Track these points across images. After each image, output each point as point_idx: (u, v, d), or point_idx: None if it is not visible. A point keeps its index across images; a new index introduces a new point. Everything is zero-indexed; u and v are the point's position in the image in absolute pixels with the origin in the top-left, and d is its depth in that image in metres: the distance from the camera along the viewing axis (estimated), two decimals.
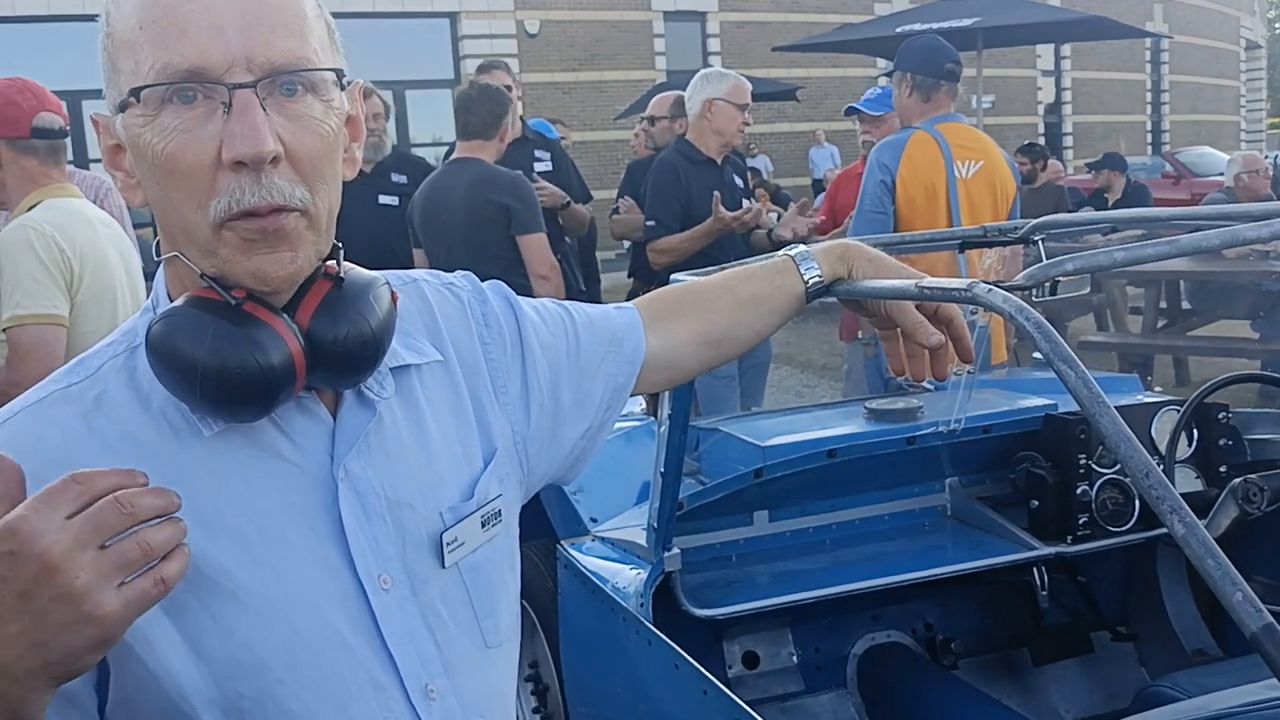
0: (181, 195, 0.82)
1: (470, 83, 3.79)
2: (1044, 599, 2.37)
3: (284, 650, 0.86)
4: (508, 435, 1.05)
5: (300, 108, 0.83)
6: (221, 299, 0.84)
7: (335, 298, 0.88)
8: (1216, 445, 2.27)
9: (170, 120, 0.81)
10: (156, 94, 0.80)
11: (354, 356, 0.88)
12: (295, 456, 0.89)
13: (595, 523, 2.37)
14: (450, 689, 0.94)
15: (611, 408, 1.15)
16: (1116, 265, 1.12)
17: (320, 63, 0.85)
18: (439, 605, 0.95)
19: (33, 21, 14.01)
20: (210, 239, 0.83)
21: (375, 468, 0.92)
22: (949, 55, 3.52)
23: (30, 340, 2.28)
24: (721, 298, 1.19)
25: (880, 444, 2.23)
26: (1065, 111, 22.48)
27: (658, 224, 4.04)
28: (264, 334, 0.83)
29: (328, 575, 0.89)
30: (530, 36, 16.81)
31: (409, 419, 0.97)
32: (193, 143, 0.80)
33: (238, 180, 0.80)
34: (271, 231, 0.82)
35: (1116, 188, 8.24)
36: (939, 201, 3.39)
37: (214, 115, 0.80)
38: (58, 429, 0.84)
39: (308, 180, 0.84)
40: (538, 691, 2.65)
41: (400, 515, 0.93)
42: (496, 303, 1.09)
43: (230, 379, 0.81)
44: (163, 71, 0.80)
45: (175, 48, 0.80)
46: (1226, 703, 1.23)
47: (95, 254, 2.43)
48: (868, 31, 12.24)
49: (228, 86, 0.80)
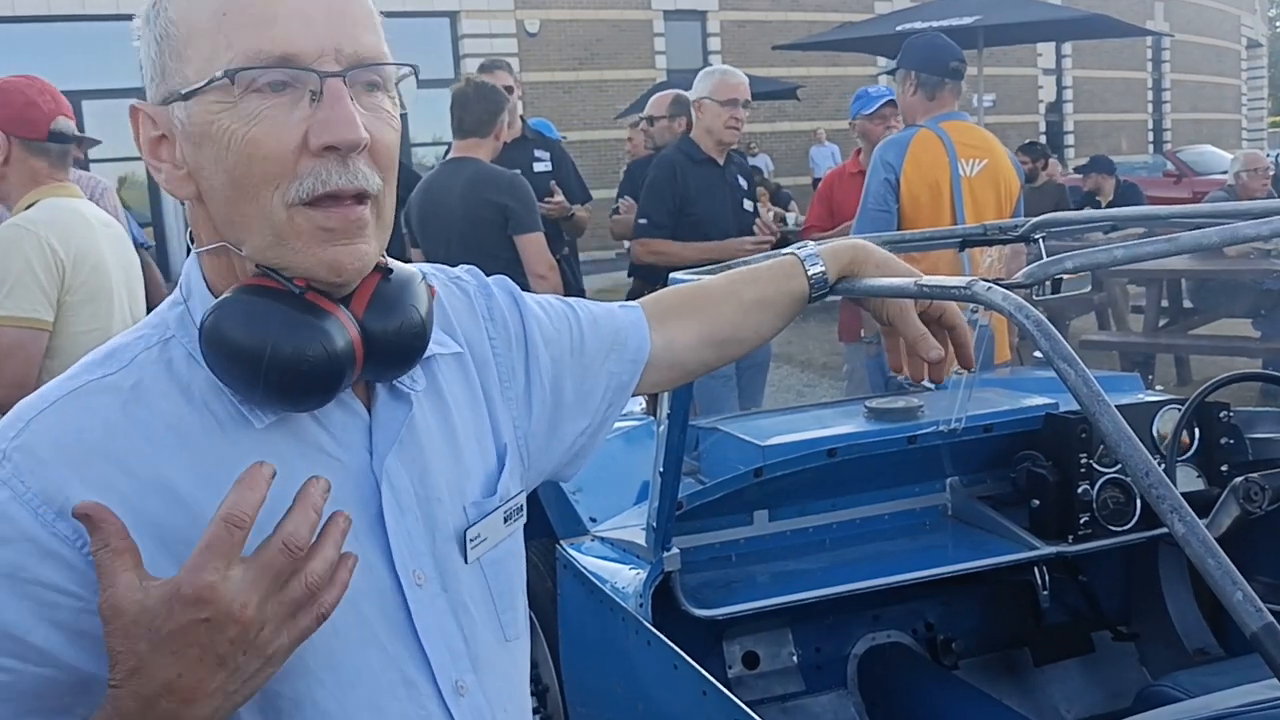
0: (258, 180, 0.81)
1: (466, 80, 3.78)
2: (1045, 599, 2.36)
3: (324, 650, 0.85)
4: (511, 430, 1.05)
5: (376, 102, 0.85)
6: (282, 288, 0.83)
7: (385, 290, 0.88)
8: (1218, 444, 2.27)
9: (255, 106, 0.81)
10: (246, 78, 0.80)
11: (405, 347, 0.89)
12: (336, 451, 0.89)
13: (594, 522, 2.36)
14: (478, 684, 0.95)
15: (613, 405, 1.15)
16: (1117, 263, 1.12)
17: (393, 60, 0.87)
18: (467, 600, 0.95)
19: (33, 21, 14.02)
20: (284, 226, 0.82)
21: (408, 462, 0.93)
22: (953, 53, 3.52)
23: (7, 342, 2.25)
24: (727, 301, 1.19)
25: (881, 443, 2.22)
26: (1066, 110, 22.48)
27: (649, 221, 4.03)
28: (329, 322, 0.83)
29: (366, 572, 0.87)
30: (530, 36, 16.81)
31: (436, 412, 0.97)
32: (278, 128, 0.81)
33: (323, 164, 0.81)
34: (353, 221, 0.83)
35: (1106, 189, 8.23)
36: (943, 200, 3.38)
37: (300, 103, 0.81)
38: (99, 420, 0.82)
39: (382, 170, 0.85)
40: (537, 692, 2.64)
41: (431, 510, 0.94)
42: (501, 298, 1.09)
43: (298, 366, 0.81)
44: (255, 57, 0.80)
45: (266, 34, 0.80)
46: (1228, 702, 1.22)
47: (92, 254, 2.41)
48: (868, 30, 12.24)
49: (319, 74, 0.81)
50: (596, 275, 8.23)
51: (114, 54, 14.40)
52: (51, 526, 0.78)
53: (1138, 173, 14.60)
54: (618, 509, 2.40)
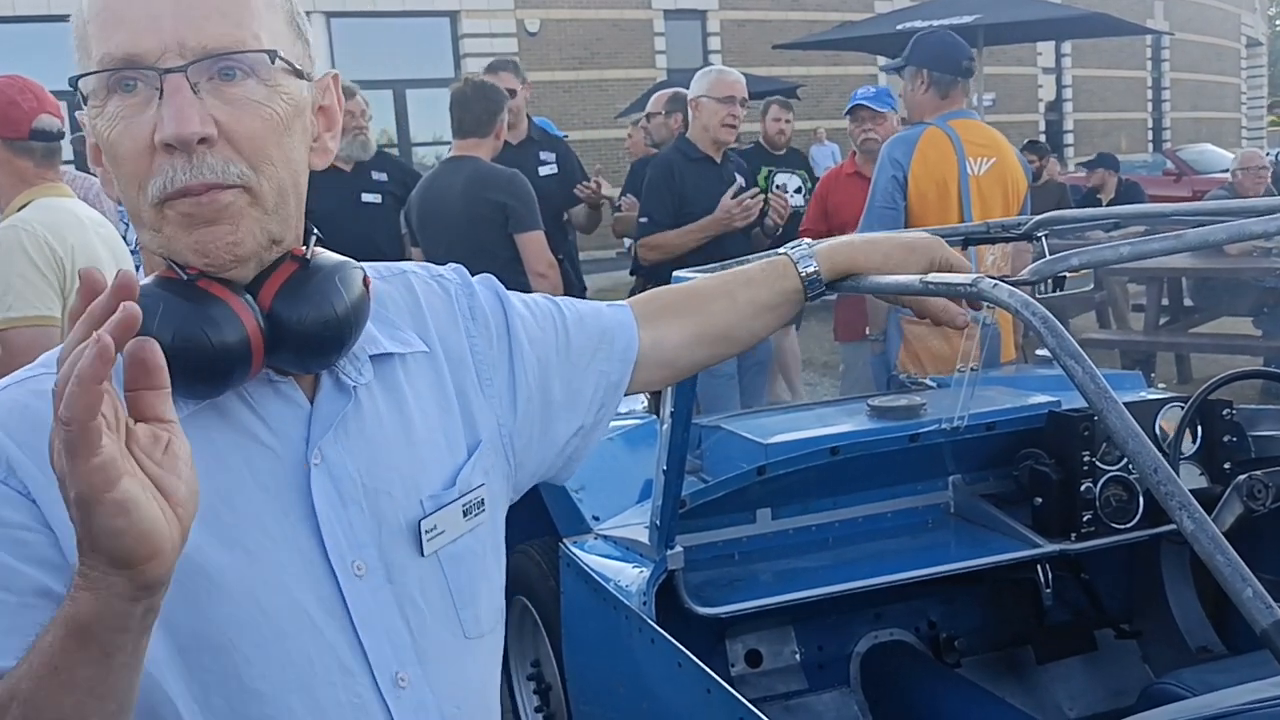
0: (127, 179, 0.84)
1: (465, 80, 3.78)
2: (1048, 596, 2.36)
3: (251, 629, 0.87)
4: (493, 427, 1.05)
5: (239, 91, 0.84)
6: (178, 276, 0.85)
7: (299, 279, 0.88)
8: (1220, 442, 2.27)
9: (114, 108, 0.83)
10: (100, 82, 0.83)
11: (316, 337, 0.88)
12: (270, 440, 0.90)
13: (598, 521, 2.36)
14: (423, 678, 0.95)
15: (605, 406, 1.15)
16: (1122, 260, 1.12)
17: (258, 46, 0.85)
18: (416, 594, 0.95)
19: (33, 21, 14.02)
20: (154, 218, 0.85)
21: (353, 454, 0.93)
22: (964, 52, 3.52)
23: (24, 342, 2.26)
24: (719, 300, 1.20)
25: (883, 441, 2.22)
26: (1066, 109, 22.47)
27: (650, 220, 4.05)
28: (218, 310, 0.83)
29: (299, 559, 0.89)
30: (530, 35, 16.80)
31: (391, 406, 0.97)
32: (131, 128, 0.83)
33: (170, 161, 0.82)
34: (207, 206, 0.83)
35: (1109, 187, 8.27)
36: (951, 198, 3.38)
37: (151, 101, 0.82)
38: (44, 401, 0.82)
39: (249, 159, 0.84)
40: (540, 690, 2.65)
41: (378, 502, 0.94)
42: (484, 296, 1.09)
43: (180, 354, 0.80)
44: (102, 60, 0.82)
45: (114, 37, 0.82)
46: (1232, 700, 1.22)
47: (87, 253, 2.42)
48: (868, 29, 12.24)
49: (158, 71, 0.82)
50: (597, 274, 8.22)
51: None
52: (6, 480, 0.82)
53: (1138, 171, 14.60)
54: (620, 507, 2.40)
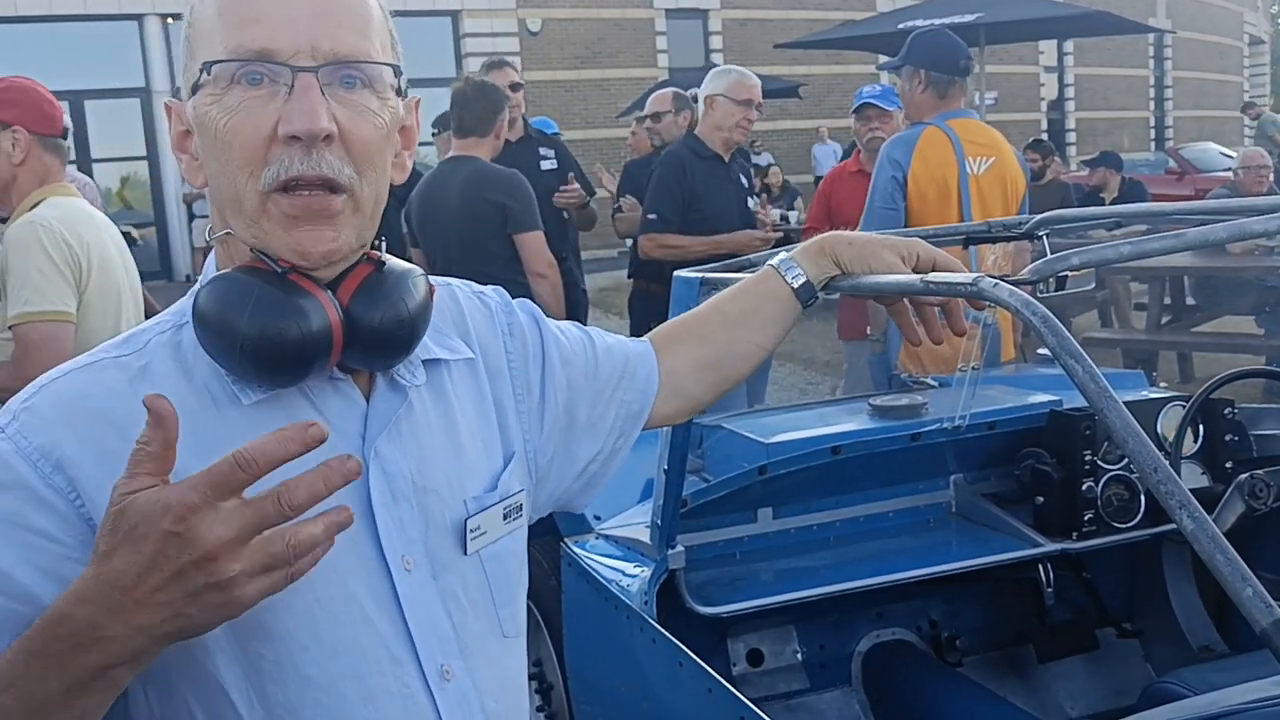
0: (236, 165, 0.87)
1: (465, 80, 3.78)
2: (1049, 596, 2.36)
3: (307, 618, 0.89)
4: (521, 442, 1.10)
5: (357, 99, 0.90)
6: (269, 268, 0.88)
7: (375, 280, 0.93)
8: (1222, 441, 2.26)
9: (237, 98, 0.87)
10: (227, 70, 0.87)
11: (389, 337, 0.92)
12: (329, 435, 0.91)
13: (599, 520, 2.36)
14: (465, 671, 0.98)
15: (624, 434, 1.19)
16: (1123, 259, 1.11)
17: (380, 60, 0.91)
18: (459, 591, 0.99)
19: (33, 21, 14.02)
20: (256, 209, 0.88)
21: (405, 453, 0.96)
22: (963, 51, 3.52)
23: (40, 337, 2.29)
24: (711, 319, 1.23)
25: (885, 440, 2.22)
26: (1068, 108, 22.44)
27: (658, 216, 4.02)
28: (307, 302, 0.87)
29: (354, 552, 0.92)
30: (532, 34, 16.80)
31: (439, 410, 1.01)
32: (254, 118, 0.87)
33: (289, 152, 0.86)
34: (316, 210, 0.88)
35: (1112, 185, 8.27)
36: (951, 198, 3.38)
37: (276, 97, 0.87)
38: (103, 388, 0.88)
39: (357, 163, 0.89)
40: (542, 690, 2.65)
41: (426, 500, 0.97)
42: (524, 318, 1.14)
43: (270, 341, 0.85)
44: (234, 51, 0.87)
45: (249, 31, 0.87)
46: (1233, 699, 1.22)
47: (100, 251, 2.44)
48: (870, 28, 12.23)
49: (292, 69, 0.86)
50: (598, 274, 8.22)
51: (116, 54, 14.45)
52: (49, 479, 0.84)
53: (1140, 170, 14.57)
54: (622, 507, 2.39)
